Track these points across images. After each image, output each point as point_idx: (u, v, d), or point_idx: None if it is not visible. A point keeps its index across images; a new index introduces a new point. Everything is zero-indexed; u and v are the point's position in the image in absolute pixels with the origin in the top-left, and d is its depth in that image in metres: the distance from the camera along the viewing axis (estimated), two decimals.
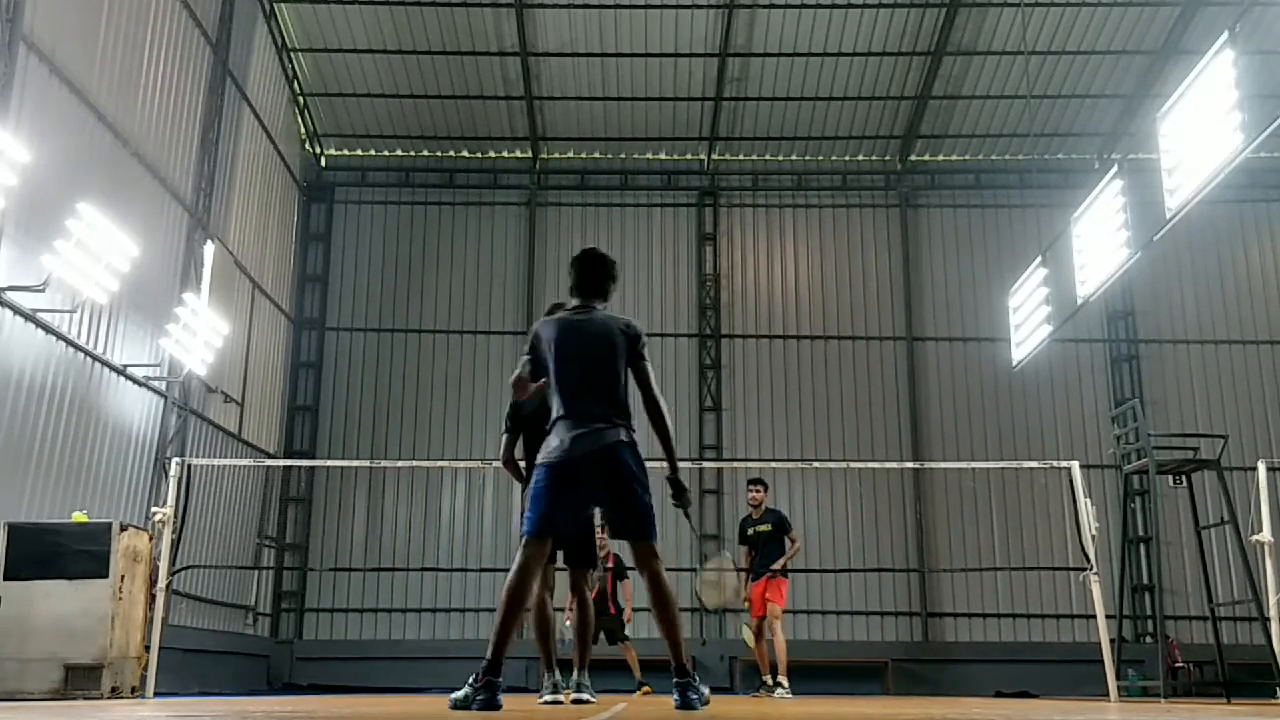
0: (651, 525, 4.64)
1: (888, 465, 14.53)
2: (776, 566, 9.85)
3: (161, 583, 8.73)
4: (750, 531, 10.11)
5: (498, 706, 4.35)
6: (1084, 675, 12.87)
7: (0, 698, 7.36)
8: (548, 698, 5.91)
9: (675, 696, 4.41)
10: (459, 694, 4.72)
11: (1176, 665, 13.76)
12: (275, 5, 15.36)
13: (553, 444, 4.61)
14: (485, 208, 17.43)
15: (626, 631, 11.27)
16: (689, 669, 4.48)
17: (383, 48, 15.84)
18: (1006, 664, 15.06)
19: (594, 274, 5.34)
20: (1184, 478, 11.20)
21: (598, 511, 5.07)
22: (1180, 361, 16.56)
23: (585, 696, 5.84)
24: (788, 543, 10.05)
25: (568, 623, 11.26)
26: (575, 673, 5.87)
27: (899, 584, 15.80)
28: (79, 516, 8.43)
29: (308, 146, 17.31)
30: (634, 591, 11.13)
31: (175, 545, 8.95)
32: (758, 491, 10.20)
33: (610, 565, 11.10)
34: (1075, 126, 17.00)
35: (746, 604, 10.11)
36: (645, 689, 10.73)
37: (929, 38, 15.76)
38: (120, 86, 11.10)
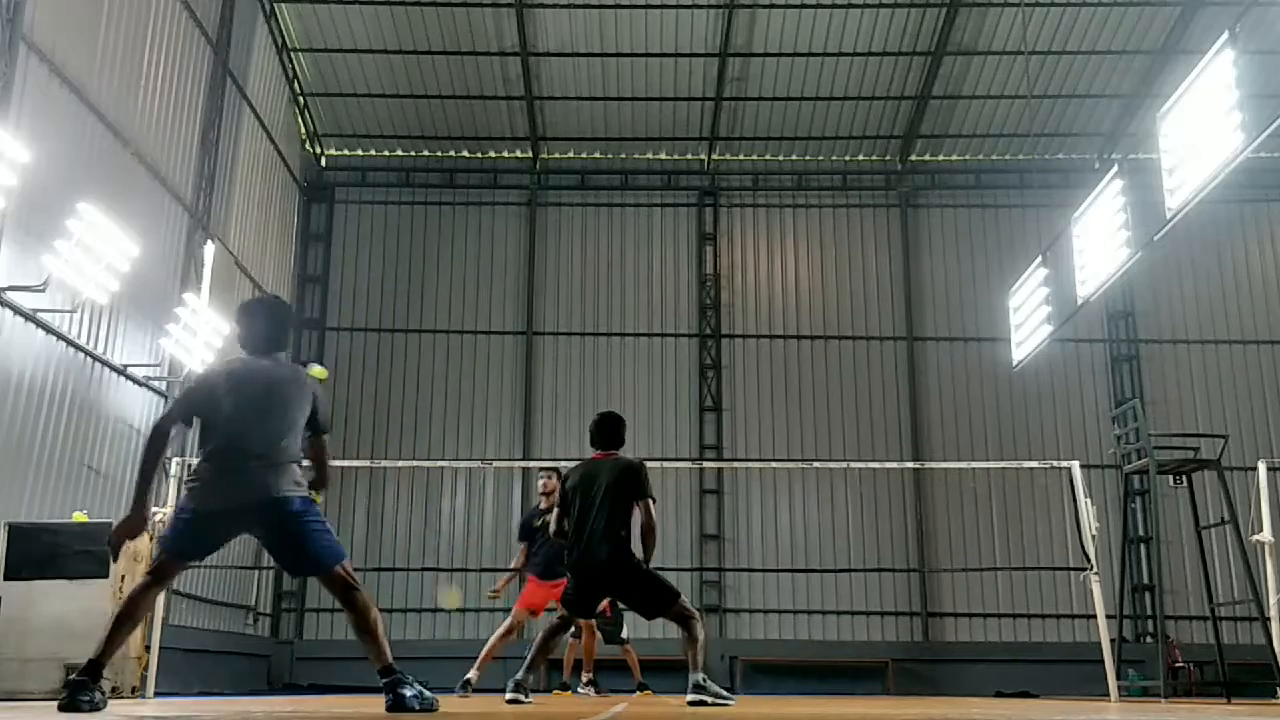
0: None
1: (888, 465, 14.54)
2: None
3: None
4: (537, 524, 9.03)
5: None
6: (1084, 675, 12.86)
7: (0, 698, 7.35)
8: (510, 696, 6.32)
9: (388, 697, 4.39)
10: None
11: (1176, 665, 13.76)
12: (275, 5, 15.36)
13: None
14: (485, 208, 17.43)
15: (624, 634, 11.20)
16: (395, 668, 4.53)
17: (383, 48, 15.84)
18: (1006, 664, 15.06)
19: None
20: (1184, 478, 11.20)
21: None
22: (1180, 361, 16.56)
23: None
24: None
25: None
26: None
27: (899, 584, 15.79)
28: (79, 516, 8.44)
29: (308, 146, 17.31)
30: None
31: None
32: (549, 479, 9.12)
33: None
34: (1075, 126, 17.00)
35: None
36: (646, 691, 10.71)
37: (929, 38, 15.76)
38: (120, 86, 11.10)
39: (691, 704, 5.66)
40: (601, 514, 6.13)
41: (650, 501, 6.18)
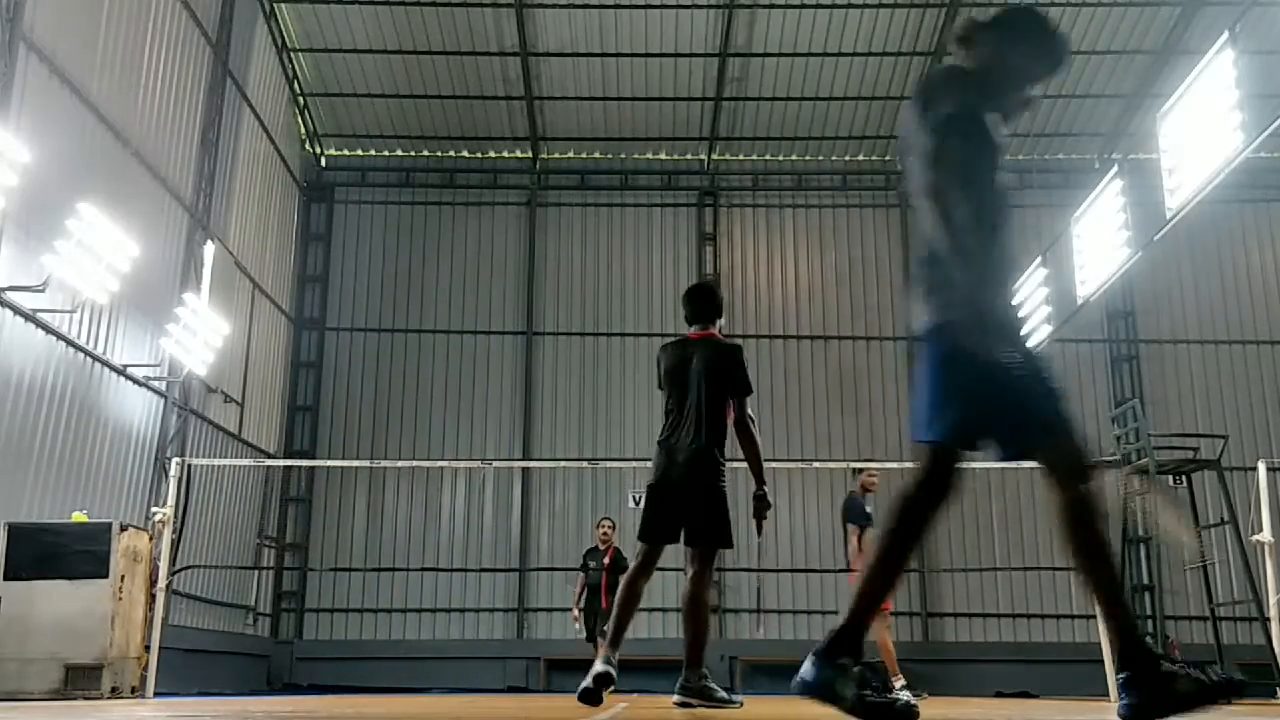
0: None
1: (888, 465, 14.51)
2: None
3: (161, 583, 8.73)
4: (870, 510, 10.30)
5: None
6: (1084, 675, 12.85)
7: (0, 698, 7.36)
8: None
9: None
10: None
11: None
12: (275, 5, 15.36)
13: None
14: (485, 208, 17.43)
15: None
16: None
17: (383, 48, 15.84)
18: (1006, 664, 15.06)
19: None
20: (1184, 477, 11.22)
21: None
22: (1180, 361, 16.56)
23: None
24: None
25: (576, 623, 11.28)
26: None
27: (898, 584, 15.78)
28: (79, 516, 8.44)
29: (308, 146, 17.31)
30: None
31: (175, 545, 8.95)
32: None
33: (609, 560, 10.98)
34: (1075, 126, 17.00)
35: None
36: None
37: (929, 38, 15.76)
38: (120, 86, 11.10)
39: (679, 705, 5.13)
40: (696, 407, 5.24)
41: (748, 400, 5.37)
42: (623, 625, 5.13)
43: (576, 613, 11.09)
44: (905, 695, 9.37)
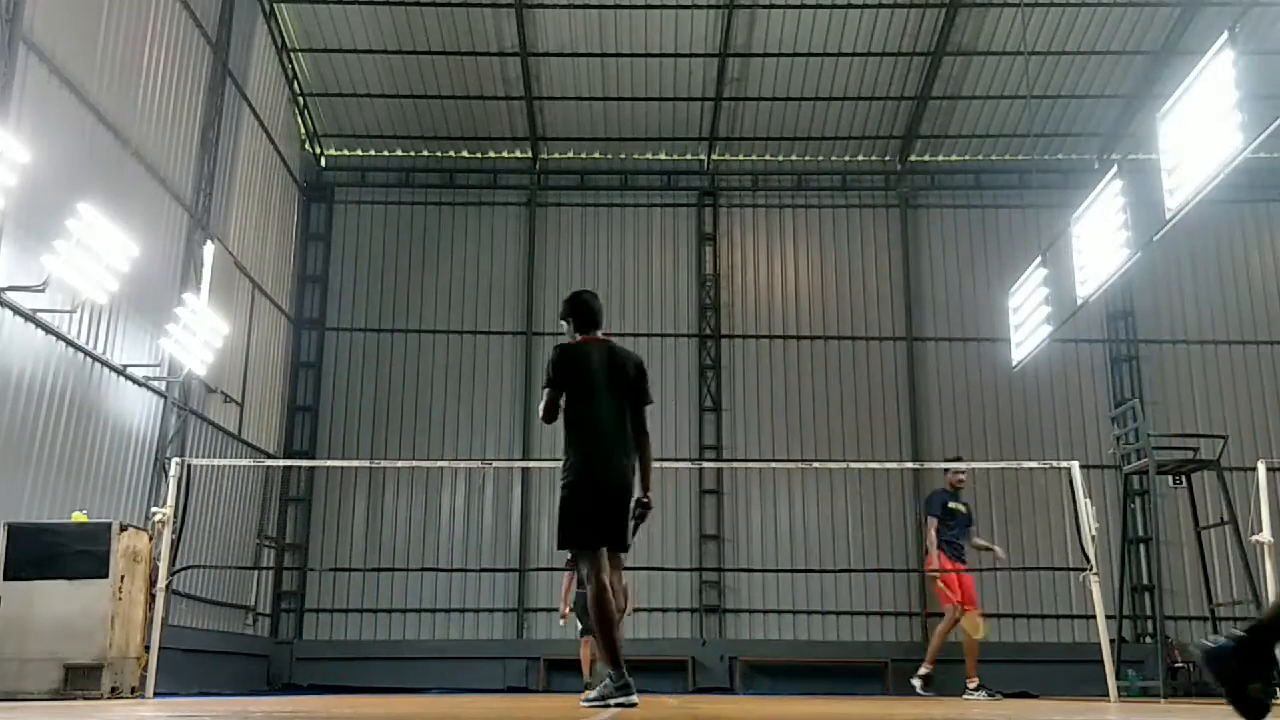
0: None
1: (888, 465, 14.54)
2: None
3: (161, 583, 8.73)
4: (952, 505, 10.57)
5: None
6: (1084, 675, 12.86)
7: (0, 698, 7.36)
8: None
9: None
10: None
11: (1176, 665, 13.76)
12: (275, 5, 15.36)
13: None
14: (485, 208, 17.42)
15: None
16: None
17: (383, 48, 15.84)
18: (1006, 664, 15.02)
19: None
20: (1184, 478, 11.22)
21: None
22: (1180, 361, 16.56)
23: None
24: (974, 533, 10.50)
25: (562, 620, 11.25)
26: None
27: (899, 584, 15.79)
28: (79, 516, 8.44)
29: (308, 146, 17.30)
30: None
31: (175, 545, 8.94)
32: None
33: None
34: (1075, 126, 17.00)
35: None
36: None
37: (929, 38, 15.76)
38: (120, 86, 11.10)
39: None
40: (621, 413, 5.46)
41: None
42: (616, 642, 5.40)
43: (565, 610, 11.02)
44: (980, 695, 9.45)
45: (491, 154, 17.64)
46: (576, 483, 5.34)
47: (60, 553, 7.84)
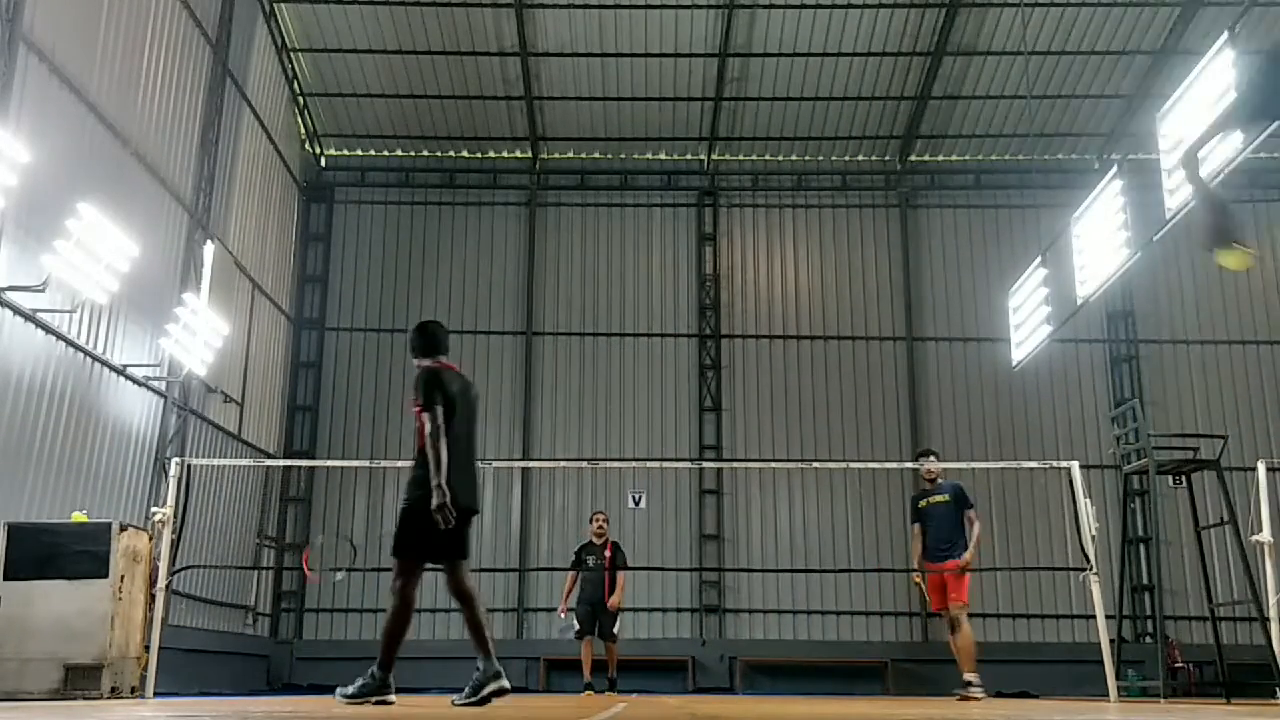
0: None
1: (888, 465, 14.52)
2: (967, 557, 9.30)
3: (161, 583, 8.73)
4: (923, 504, 9.67)
5: None
6: (1084, 675, 12.87)
7: (0, 698, 7.35)
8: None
9: None
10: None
11: (1176, 665, 13.77)
12: (275, 5, 15.36)
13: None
14: (485, 208, 17.42)
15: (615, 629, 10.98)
16: None
17: (383, 48, 15.83)
18: (1006, 664, 15.03)
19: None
20: (1184, 478, 11.22)
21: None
22: (1180, 361, 16.56)
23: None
24: (968, 522, 9.40)
25: (562, 614, 11.23)
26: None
27: (899, 584, 15.76)
28: (79, 516, 8.43)
29: (308, 146, 17.30)
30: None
31: (175, 545, 8.94)
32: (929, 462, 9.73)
33: (610, 554, 10.87)
34: (1075, 126, 17.00)
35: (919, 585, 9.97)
36: (590, 691, 10.51)
37: (929, 38, 15.76)
38: (120, 86, 11.09)
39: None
40: (474, 435, 6.30)
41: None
42: (396, 648, 6.05)
43: (565, 609, 10.99)
44: (979, 692, 9.44)
45: (491, 154, 17.64)
46: (429, 498, 5.73)
47: (60, 553, 7.83)
